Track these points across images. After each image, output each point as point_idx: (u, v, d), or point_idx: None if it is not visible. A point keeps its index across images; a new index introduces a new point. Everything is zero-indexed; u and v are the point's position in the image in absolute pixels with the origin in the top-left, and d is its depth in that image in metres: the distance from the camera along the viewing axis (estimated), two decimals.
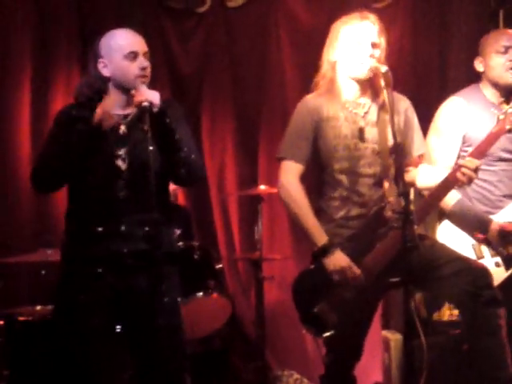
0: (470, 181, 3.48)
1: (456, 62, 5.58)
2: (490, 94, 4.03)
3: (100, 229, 3.16)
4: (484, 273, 3.53)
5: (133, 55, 3.17)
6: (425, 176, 3.68)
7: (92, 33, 5.11)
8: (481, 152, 3.58)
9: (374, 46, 3.55)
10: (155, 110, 3.09)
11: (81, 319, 3.14)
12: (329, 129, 3.59)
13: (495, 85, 4.01)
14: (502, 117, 3.55)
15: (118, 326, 3.23)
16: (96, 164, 3.16)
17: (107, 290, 3.16)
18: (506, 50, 3.96)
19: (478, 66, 4.09)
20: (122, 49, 3.18)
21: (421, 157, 3.74)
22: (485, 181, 3.93)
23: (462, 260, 3.56)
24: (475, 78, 4.15)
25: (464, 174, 3.46)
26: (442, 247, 3.66)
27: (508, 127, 3.53)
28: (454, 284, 3.46)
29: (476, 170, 3.46)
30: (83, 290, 3.15)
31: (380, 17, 3.68)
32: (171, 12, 5.56)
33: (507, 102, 3.60)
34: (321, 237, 3.52)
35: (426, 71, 5.67)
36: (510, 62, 3.94)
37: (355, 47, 3.54)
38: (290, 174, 3.60)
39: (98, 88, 3.25)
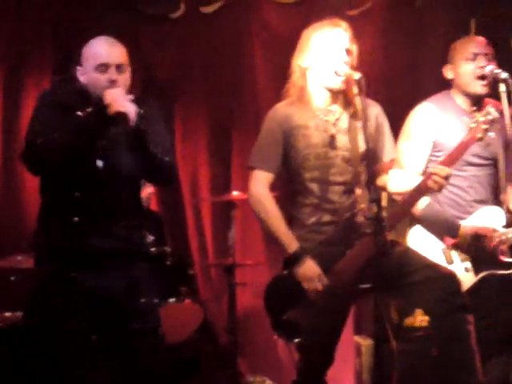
0: (441, 188, 3.51)
1: (428, 69, 5.62)
2: (461, 100, 4.06)
3: (78, 222, 3.16)
4: (453, 279, 3.55)
5: (103, 67, 3.17)
6: (396, 181, 3.70)
7: (65, 38, 5.13)
8: (452, 159, 3.60)
9: (347, 52, 3.57)
10: (131, 124, 3.08)
11: (57, 323, 3.14)
12: (299, 138, 3.60)
13: (464, 92, 4.04)
14: (473, 125, 3.55)
15: (95, 329, 3.21)
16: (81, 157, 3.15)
17: (83, 294, 3.15)
18: (475, 57, 3.98)
19: (447, 73, 4.11)
20: (94, 60, 3.19)
21: (392, 162, 3.76)
22: (455, 186, 3.95)
23: (431, 267, 3.58)
24: (447, 85, 4.17)
25: (435, 182, 3.48)
26: (413, 254, 3.67)
27: (479, 136, 3.54)
28: (423, 291, 3.48)
29: (447, 178, 3.48)
30: (59, 295, 3.15)
31: (353, 25, 3.70)
32: (146, 17, 5.55)
33: (479, 110, 3.62)
34: (292, 244, 3.53)
35: (398, 79, 5.71)
36: (479, 70, 3.95)
37: (328, 54, 3.55)
38: (260, 183, 3.61)
39: (80, 87, 3.25)
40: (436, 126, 4.01)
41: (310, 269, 3.50)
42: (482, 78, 3.94)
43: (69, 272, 3.15)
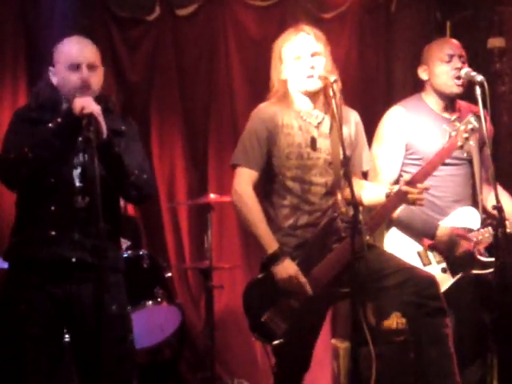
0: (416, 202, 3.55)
1: (402, 73, 5.66)
2: (433, 102, 4.09)
3: (52, 233, 3.14)
4: (430, 282, 3.57)
5: (75, 66, 3.16)
6: (369, 193, 3.71)
7: (38, 42, 5.07)
8: (433, 166, 3.66)
9: (313, 55, 3.59)
10: (103, 137, 3.06)
11: (19, 328, 3.11)
12: (283, 136, 3.61)
13: (439, 93, 4.06)
14: (454, 133, 3.63)
15: (63, 337, 3.22)
16: (53, 169, 3.14)
17: (48, 300, 3.14)
18: (451, 58, 4.01)
19: (422, 74, 4.13)
20: (65, 60, 3.18)
21: (365, 173, 3.79)
22: (432, 186, 3.97)
23: (408, 270, 3.59)
24: (420, 87, 4.19)
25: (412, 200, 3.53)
26: (390, 257, 3.69)
27: (460, 144, 3.62)
28: (399, 294, 3.50)
29: (421, 193, 3.53)
30: (24, 299, 3.13)
31: (328, 28, 3.72)
32: (118, 20, 5.52)
33: (459, 120, 3.67)
34: (272, 244, 3.53)
35: (373, 81, 5.74)
36: (455, 71, 3.99)
37: (296, 63, 3.58)
38: (244, 180, 3.60)
39: (49, 96, 3.23)
40: (407, 129, 4.04)
41: (288, 268, 3.49)
42: (458, 78, 3.97)
43: (39, 281, 3.14)
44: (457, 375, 3.54)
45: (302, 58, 3.57)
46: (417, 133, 4.00)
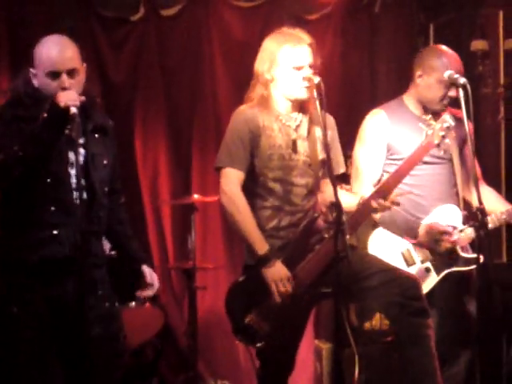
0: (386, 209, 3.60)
1: (386, 74, 5.68)
2: (414, 106, 4.11)
3: (54, 232, 3.11)
4: (412, 284, 3.58)
5: (54, 74, 3.11)
6: (343, 199, 3.71)
7: (21, 41, 5.05)
8: (410, 164, 3.69)
9: (310, 67, 3.60)
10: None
11: (13, 331, 3.09)
12: (264, 138, 3.61)
13: (422, 102, 4.07)
14: (430, 132, 3.65)
15: (54, 337, 3.17)
16: (48, 168, 3.11)
17: (41, 302, 3.11)
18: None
19: (418, 79, 4.06)
20: (44, 66, 3.12)
21: (339, 176, 3.80)
22: (414, 186, 4.01)
23: (390, 271, 3.61)
24: (405, 89, 4.21)
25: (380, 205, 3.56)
26: (372, 258, 3.71)
27: (436, 142, 3.64)
28: (381, 295, 3.51)
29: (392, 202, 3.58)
30: (16, 302, 3.10)
31: (312, 29, 3.72)
32: (102, 20, 5.50)
33: (435, 118, 3.69)
34: (262, 246, 3.52)
35: (357, 83, 5.76)
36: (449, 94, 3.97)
37: (295, 72, 3.57)
38: (232, 181, 3.59)
39: (31, 94, 3.20)
40: (388, 131, 4.05)
41: (279, 271, 3.50)
42: (446, 99, 4.00)
43: (28, 281, 3.11)
44: (438, 375, 3.56)
45: (303, 70, 3.57)
46: (397, 134, 4.03)
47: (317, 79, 3.45)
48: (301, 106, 3.67)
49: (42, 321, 3.11)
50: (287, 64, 3.59)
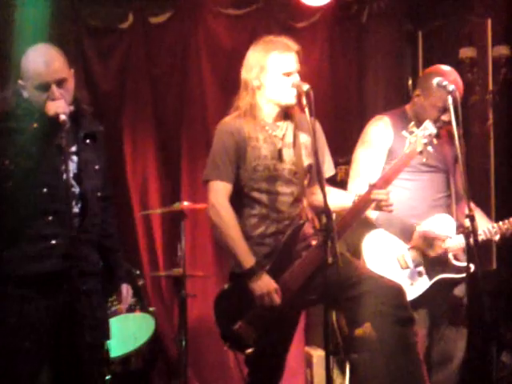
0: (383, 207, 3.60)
1: (374, 82, 5.70)
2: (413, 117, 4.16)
3: (53, 242, 3.12)
4: (397, 292, 3.59)
5: (43, 86, 3.11)
6: (336, 198, 3.72)
7: (8, 52, 5.02)
8: (394, 172, 3.71)
9: (298, 73, 3.61)
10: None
11: (11, 342, 3.09)
12: (249, 149, 3.62)
13: (419, 119, 4.11)
14: (413, 140, 3.67)
15: (49, 347, 3.19)
16: (40, 177, 3.11)
17: (38, 312, 3.11)
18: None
19: (416, 98, 4.18)
20: (33, 79, 3.12)
21: (327, 180, 3.82)
22: (412, 191, 4.04)
23: (374, 279, 3.61)
24: (393, 97, 4.24)
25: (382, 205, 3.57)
26: (357, 265, 3.70)
27: (419, 149, 3.66)
28: (367, 303, 3.51)
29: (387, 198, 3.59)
30: (14, 313, 3.10)
31: (300, 37, 3.74)
32: (90, 28, 5.49)
33: (417, 125, 3.72)
34: (249, 259, 3.52)
35: (344, 91, 5.77)
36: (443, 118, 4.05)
37: (284, 78, 3.58)
38: (220, 194, 3.59)
39: (20, 105, 3.20)
40: (390, 137, 4.13)
41: (266, 284, 3.50)
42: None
43: (25, 292, 3.11)
44: (426, 382, 3.57)
45: (292, 76, 3.59)
46: (399, 140, 4.05)
47: (306, 86, 3.45)
48: (286, 114, 3.68)
49: (39, 331, 3.12)
50: (276, 70, 3.60)
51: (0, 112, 3.26)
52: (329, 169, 3.81)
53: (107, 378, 4.38)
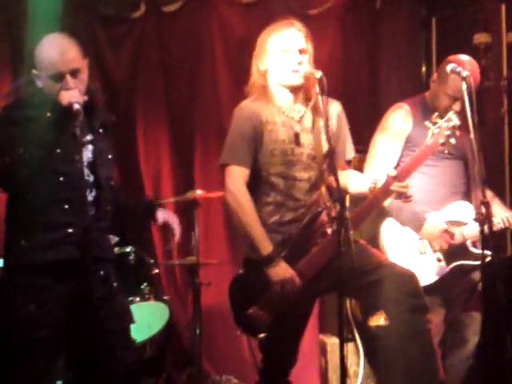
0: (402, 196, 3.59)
1: (387, 70, 5.67)
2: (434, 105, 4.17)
3: (69, 231, 3.14)
4: (410, 279, 3.58)
5: (57, 76, 3.12)
6: (355, 182, 3.71)
7: (20, 37, 5.03)
8: (416, 163, 3.70)
9: (301, 52, 3.59)
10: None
11: (32, 330, 3.10)
12: (266, 133, 3.61)
13: (434, 106, 4.14)
14: (436, 131, 3.65)
15: (68, 334, 3.21)
16: (55, 165, 3.13)
17: (57, 300, 3.13)
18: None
19: (432, 83, 4.22)
20: (47, 69, 3.14)
21: (349, 162, 3.80)
22: (431, 176, 4.04)
23: (388, 266, 3.60)
24: (406, 84, 4.23)
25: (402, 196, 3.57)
26: (371, 253, 3.69)
27: (442, 141, 3.63)
28: (381, 291, 3.51)
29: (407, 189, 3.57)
30: (33, 301, 3.11)
31: (313, 24, 3.72)
32: (103, 17, 5.50)
33: (441, 116, 3.70)
34: (266, 246, 3.52)
35: (357, 79, 5.74)
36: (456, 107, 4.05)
37: (283, 55, 3.57)
38: (237, 179, 3.59)
39: (34, 93, 3.21)
40: (410, 125, 4.15)
41: (284, 271, 3.50)
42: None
43: (44, 280, 3.13)
44: (439, 371, 3.57)
45: (290, 52, 3.57)
46: (419, 128, 4.06)
47: (318, 73, 3.44)
48: (302, 97, 3.66)
49: (57, 319, 3.13)
50: (276, 49, 3.60)
51: (13, 100, 3.29)
52: (350, 151, 3.79)
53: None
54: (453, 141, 3.64)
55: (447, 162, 4.12)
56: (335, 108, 3.74)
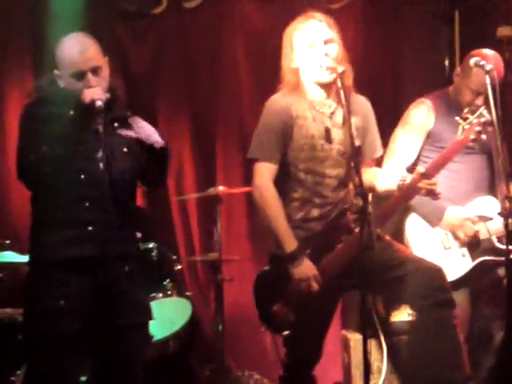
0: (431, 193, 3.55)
1: (409, 63, 5.63)
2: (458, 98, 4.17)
3: (89, 228, 3.15)
4: (437, 274, 3.56)
5: (79, 75, 3.14)
6: (384, 179, 3.69)
7: (42, 33, 5.05)
8: (446, 158, 3.69)
9: (326, 42, 3.56)
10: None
11: (61, 324, 3.12)
12: (297, 128, 3.59)
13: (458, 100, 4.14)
14: (467, 127, 3.64)
15: (90, 329, 3.22)
16: (78, 163, 3.14)
17: (84, 295, 3.15)
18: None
19: (456, 77, 4.23)
20: (68, 68, 3.16)
21: (375, 160, 3.79)
22: (455, 171, 4.03)
23: (413, 261, 3.58)
24: (429, 78, 4.21)
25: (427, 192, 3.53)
26: (397, 248, 3.68)
27: (472, 137, 3.62)
28: (406, 285, 3.49)
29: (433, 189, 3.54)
30: (61, 297, 3.13)
31: (335, 19, 3.69)
32: (124, 13, 5.50)
33: (472, 112, 3.68)
34: (291, 243, 3.52)
35: (379, 71, 5.71)
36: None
37: (309, 50, 3.55)
38: (264, 175, 3.59)
39: (57, 91, 3.23)
40: (432, 120, 4.16)
41: (306, 270, 3.50)
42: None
43: (70, 276, 3.15)
44: (465, 367, 3.54)
45: (315, 46, 3.55)
46: (441, 123, 4.08)
47: (340, 68, 3.42)
48: (334, 93, 3.63)
49: (81, 313, 3.15)
50: (301, 45, 3.58)
51: (36, 98, 3.31)
52: (377, 149, 3.77)
53: None
54: (484, 137, 3.62)
55: (471, 157, 4.11)
56: (364, 105, 3.73)
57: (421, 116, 4.17)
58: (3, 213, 5.17)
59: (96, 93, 3.07)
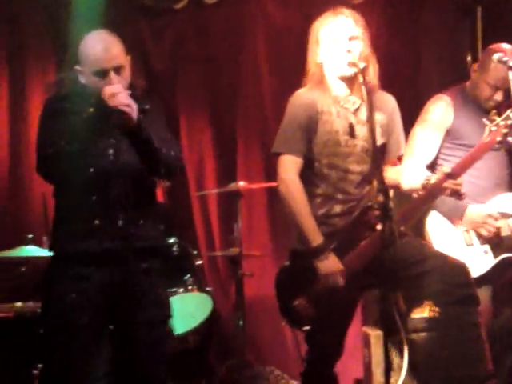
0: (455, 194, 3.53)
1: (430, 59, 5.60)
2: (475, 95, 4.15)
3: (96, 222, 3.16)
4: (460, 270, 3.54)
5: (101, 73, 3.14)
6: (408, 177, 3.67)
7: (64, 34, 5.08)
8: (473, 159, 3.69)
9: (351, 39, 3.55)
10: (134, 118, 3.06)
11: (72, 317, 3.14)
12: (321, 123, 3.58)
13: (474, 97, 4.13)
14: (494, 128, 3.63)
15: (108, 323, 3.24)
16: (89, 158, 3.14)
17: (96, 289, 3.16)
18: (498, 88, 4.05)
19: (474, 73, 4.19)
20: (90, 65, 3.15)
21: (399, 158, 3.77)
22: (475, 168, 4.02)
23: (437, 257, 3.57)
24: (450, 74, 4.19)
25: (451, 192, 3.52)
26: (420, 244, 3.67)
27: (499, 139, 3.62)
28: (429, 282, 3.48)
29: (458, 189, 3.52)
30: (73, 290, 3.15)
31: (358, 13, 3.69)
32: (144, 9, 5.52)
33: (499, 114, 3.66)
34: (317, 237, 3.50)
35: (401, 67, 5.69)
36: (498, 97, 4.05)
37: (334, 46, 3.55)
38: (290, 169, 3.57)
39: (77, 87, 3.25)
40: (451, 117, 4.12)
41: (333, 265, 3.49)
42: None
43: (84, 270, 3.17)
44: (489, 363, 3.52)
45: (339, 41, 3.54)
46: (461, 120, 4.07)
47: (362, 64, 3.41)
48: (358, 89, 3.61)
49: (97, 307, 3.16)
50: (326, 40, 3.57)
51: (56, 93, 3.32)
52: (401, 147, 3.76)
53: None
54: (510, 139, 3.60)
55: (490, 154, 4.06)
56: (389, 102, 3.72)
57: (439, 112, 4.14)
58: (24, 210, 5.22)
59: (117, 93, 3.05)
